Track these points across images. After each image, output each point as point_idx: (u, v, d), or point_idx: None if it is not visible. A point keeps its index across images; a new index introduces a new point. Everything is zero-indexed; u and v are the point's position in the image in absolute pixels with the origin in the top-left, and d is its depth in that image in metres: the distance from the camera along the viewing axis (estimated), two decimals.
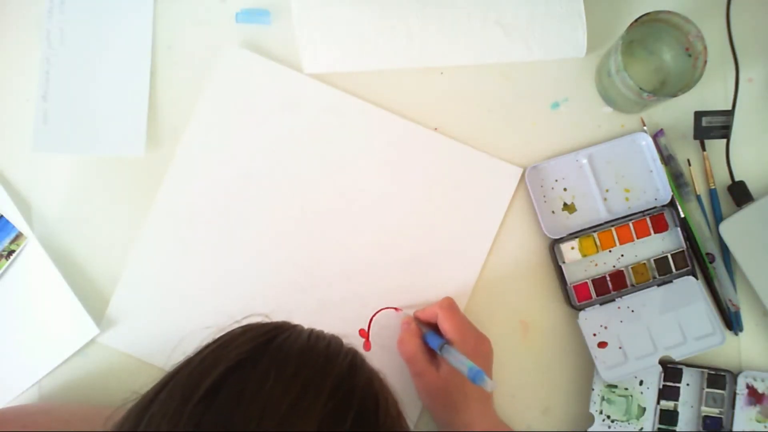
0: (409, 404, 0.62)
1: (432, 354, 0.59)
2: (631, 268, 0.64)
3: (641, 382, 0.62)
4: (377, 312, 0.63)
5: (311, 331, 0.40)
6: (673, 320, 0.62)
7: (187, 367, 0.37)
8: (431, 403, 0.59)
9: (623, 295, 0.63)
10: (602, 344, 0.62)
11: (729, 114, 0.63)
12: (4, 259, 0.62)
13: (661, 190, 0.64)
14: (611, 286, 0.64)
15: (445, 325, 0.58)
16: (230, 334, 0.40)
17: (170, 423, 0.33)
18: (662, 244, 0.65)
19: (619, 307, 0.63)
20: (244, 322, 0.41)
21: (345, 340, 0.41)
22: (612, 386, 0.62)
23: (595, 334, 0.62)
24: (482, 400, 0.58)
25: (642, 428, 0.62)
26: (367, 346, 0.63)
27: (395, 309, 0.63)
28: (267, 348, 0.37)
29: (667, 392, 0.63)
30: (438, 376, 0.58)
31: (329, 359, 0.38)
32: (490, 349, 0.60)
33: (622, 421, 0.62)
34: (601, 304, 0.63)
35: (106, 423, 0.36)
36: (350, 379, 0.37)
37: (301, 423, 0.33)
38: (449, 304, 0.60)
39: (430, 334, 0.59)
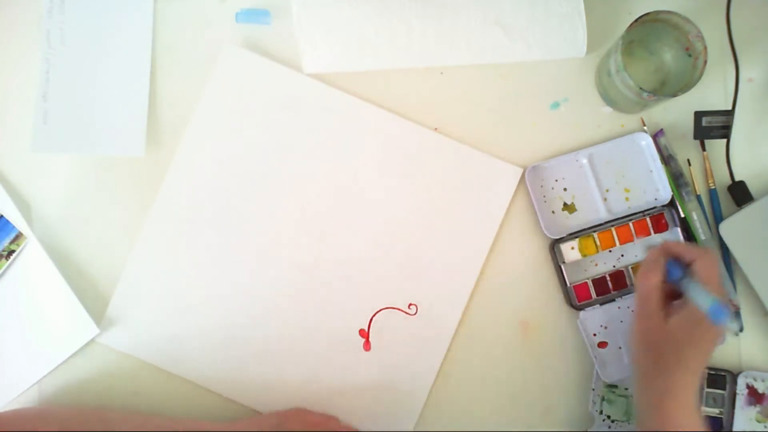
0: (409, 404, 0.63)
1: (666, 302, 0.54)
2: (631, 268, 0.64)
3: None
4: (377, 312, 0.63)
5: None
6: None
7: None
8: (641, 351, 0.55)
9: (623, 295, 0.63)
10: (602, 344, 0.62)
11: (729, 114, 0.63)
12: (4, 259, 0.62)
13: (661, 190, 0.64)
14: (611, 286, 0.64)
15: (704, 273, 0.53)
16: None
17: None
18: None
19: (619, 307, 0.63)
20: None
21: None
22: (612, 386, 0.62)
23: (595, 334, 0.62)
24: (692, 370, 0.53)
25: None
26: (367, 346, 0.63)
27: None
28: None
29: None
30: (663, 326, 0.53)
31: None
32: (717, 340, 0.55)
33: (622, 421, 0.62)
34: (601, 304, 0.63)
35: None
36: None
37: None
38: (715, 259, 0.55)
39: (673, 263, 0.55)
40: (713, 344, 0.54)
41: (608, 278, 0.64)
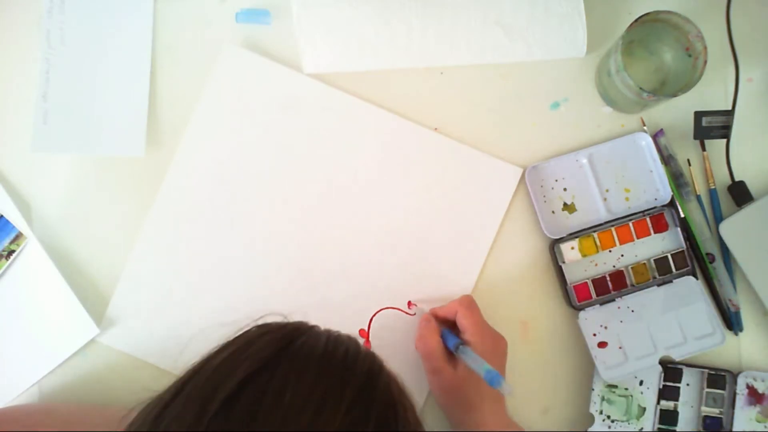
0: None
1: (449, 351, 0.59)
2: (631, 268, 0.64)
3: (641, 382, 0.62)
4: (377, 312, 0.63)
5: (329, 335, 0.39)
6: (673, 320, 0.62)
7: (204, 372, 0.36)
8: (445, 400, 0.59)
9: (623, 295, 0.63)
10: (602, 344, 0.62)
11: (729, 114, 0.63)
12: (4, 259, 0.62)
13: (661, 190, 0.64)
14: (611, 286, 0.64)
15: (465, 323, 0.58)
16: (247, 336, 0.39)
17: None
18: (662, 244, 0.65)
19: (619, 307, 0.63)
20: (261, 322, 0.41)
21: None
22: (612, 386, 0.62)
23: (595, 334, 0.62)
24: (496, 399, 0.58)
25: (642, 428, 0.62)
26: (367, 345, 0.63)
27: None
28: (284, 354, 0.36)
29: (667, 392, 0.63)
30: (455, 374, 0.57)
31: (347, 367, 0.37)
32: (506, 349, 0.60)
33: (622, 421, 0.62)
34: (601, 304, 0.63)
35: (121, 423, 0.36)
36: (369, 389, 0.36)
37: None
38: (469, 302, 0.60)
39: (447, 332, 0.59)
40: (503, 363, 0.59)
41: (608, 278, 0.64)
